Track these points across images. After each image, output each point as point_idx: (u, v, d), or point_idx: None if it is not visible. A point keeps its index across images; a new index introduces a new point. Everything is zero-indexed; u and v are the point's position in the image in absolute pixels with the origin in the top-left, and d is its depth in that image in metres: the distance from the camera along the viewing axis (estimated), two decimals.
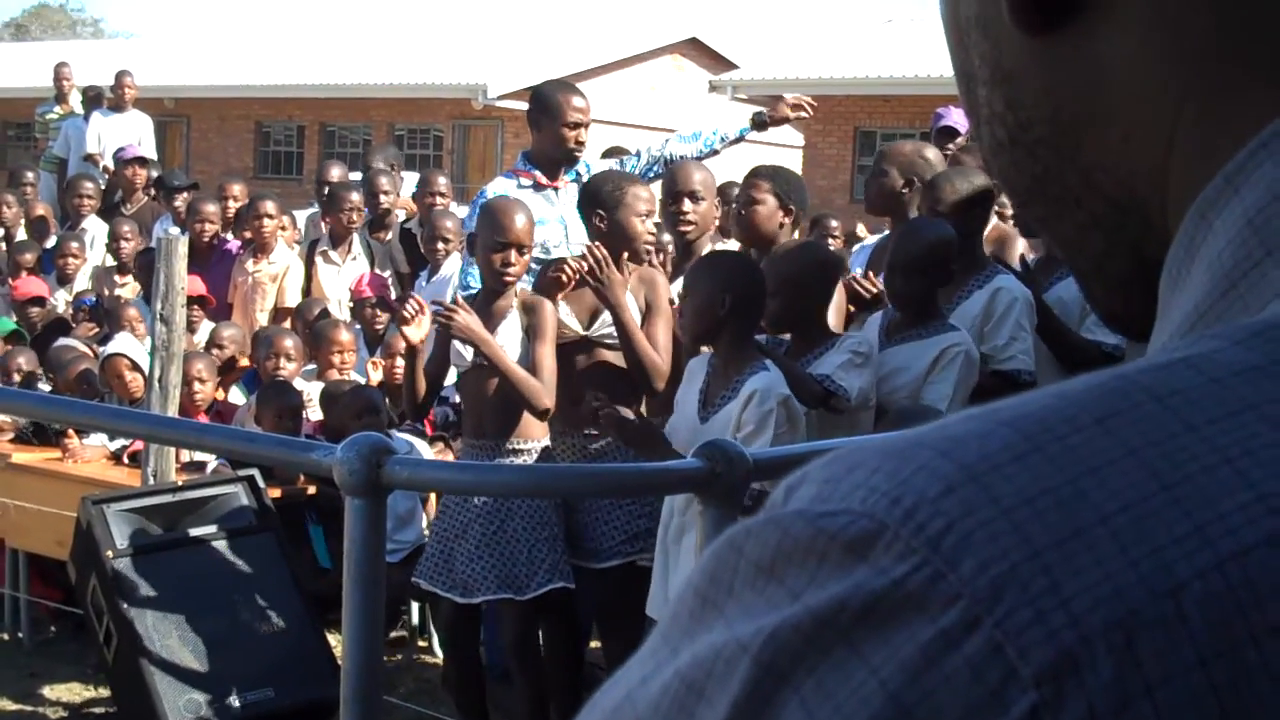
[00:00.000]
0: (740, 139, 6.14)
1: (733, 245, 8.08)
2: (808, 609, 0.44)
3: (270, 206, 8.48)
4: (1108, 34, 0.55)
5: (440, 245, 7.64)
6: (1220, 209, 0.52)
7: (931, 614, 0.42)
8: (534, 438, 4.82)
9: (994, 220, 5.45)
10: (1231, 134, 0.53)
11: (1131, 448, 0.44)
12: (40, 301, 8.81)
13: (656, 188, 5.61)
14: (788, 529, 0.46)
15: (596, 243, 4.85)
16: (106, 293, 8.93)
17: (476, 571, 4.70)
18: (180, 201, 9.95)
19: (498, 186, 5.66)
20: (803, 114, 6.28)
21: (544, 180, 5.64)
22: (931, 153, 5.71)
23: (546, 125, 5.65)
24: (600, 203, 4.92)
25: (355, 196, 8.45)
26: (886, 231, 5.82)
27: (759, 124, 6.17)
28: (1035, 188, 0.61)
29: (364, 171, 9.59)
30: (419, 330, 4.88)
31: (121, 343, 7.01)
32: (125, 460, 6.26)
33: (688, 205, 5.33)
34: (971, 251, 4.94)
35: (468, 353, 4.79)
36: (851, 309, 5.17)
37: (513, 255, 4.77)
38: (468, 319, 4.68)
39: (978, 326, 4.80)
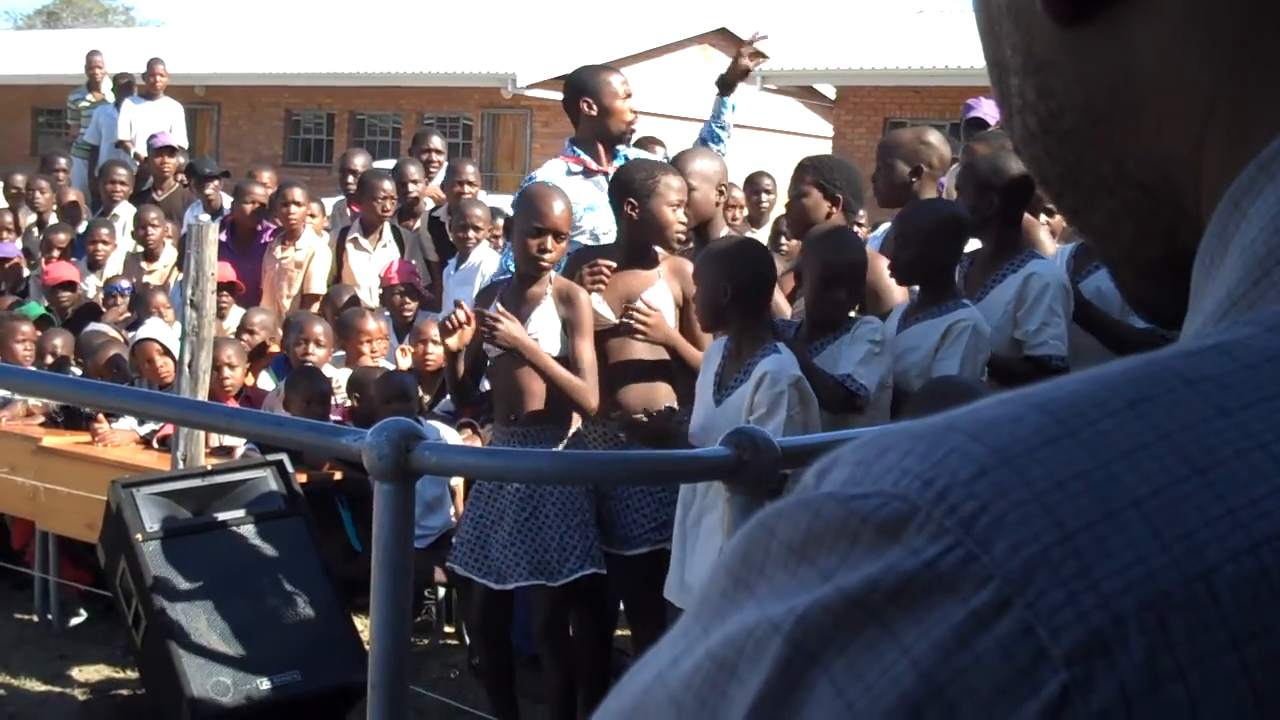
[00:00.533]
0: (732, 109, 6.16)
1: (761, 235, 8.07)
2: (839, 589, 0.44)
3: (298, 194, 8.50)
4: (1141, 24, 0.55)
5: (470, 234, 7.65)
6: (1254, 196, 0.52)
7: (963, 595, 0.43)
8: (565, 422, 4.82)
9: None
10: (1265, 122, 0.53)
11: (1164, 432, 0.44)
12: (71, 286, 8.85)
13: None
14: (819, 511, 0.46)
15: (638, 304, 4.83)
16: (135, 279, 8.96)
17: (509, 558, 4.72)
18: (211, 189, 9.98)
19: (548, 171, 5.66)
20: (761, 61, 6.26)
21: (594, 165, 5.63)
22: (933, 136, 5.68)
23: (598, 106, 5.63)
24: (632, 191, 4.91)
25: (388, 185, 8.46)
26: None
27: (724, 86, 6.19)
28: (1067, 176, 0.61)
29: (416, 153, 9.57)
30: (459, 340, 4.89)
31: (152, 328, 7.04)
32: (155, 444, 6.29)
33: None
34: (1006, 236, 4.93)
35: None
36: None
37: (549, 241, 4.77)
38: (510, 326, 4.67)
39: (1010, 312, 4.79)
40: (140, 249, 9.38)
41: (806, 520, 0.46)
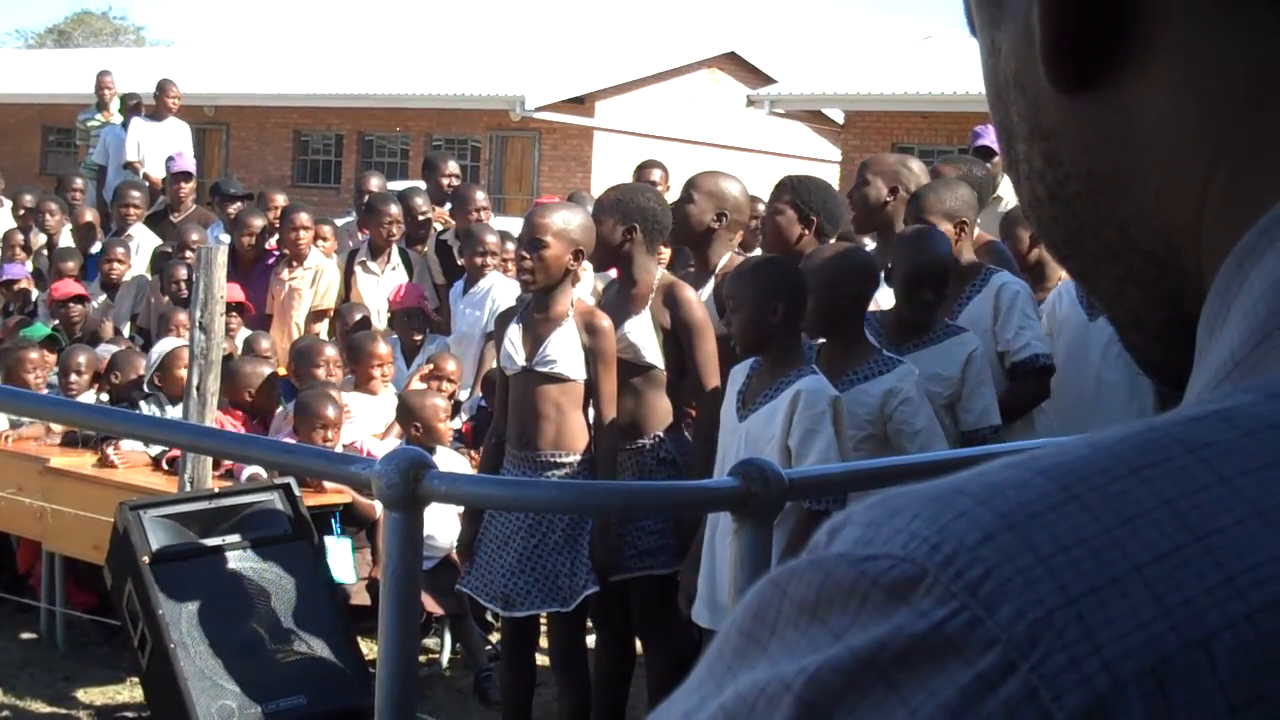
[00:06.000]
0: None
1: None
2: (850, 649, 0.45)
3: (304, 218, 8.52)
4: (1140, 93, 0.56)
5: (485, 259, 7.62)
6: (1256, 259, 0.53)
7: (969, 658, 0.44)
8: (576, 450, 4.78)
9: None
10: (1266, 188, 0.54)
11: (1165, 499, 0.45)
12: (81, 300, 8.80)
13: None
14: (831, 571, 0.47)
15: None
16: (153, 301, 8.94)
17: (519, 585, 4.69)
18: (233, 210, 9.97)
19: None
20: None
21: None
22: (915, 164, 5.69)
23: None
24: None
25: (394, 209, 8.46)
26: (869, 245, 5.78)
27: None
28: (1074, 242, 0.62)
29: (430, 176, 9.58)
30: None
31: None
32: (163, 466, 6.30)
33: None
34: (957, 260, 4.97)
35: (518, 357, 4.79)
36: None
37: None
38: None
39: (989, 327, 4.86)
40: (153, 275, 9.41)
41: (819, 580, 0.47)
